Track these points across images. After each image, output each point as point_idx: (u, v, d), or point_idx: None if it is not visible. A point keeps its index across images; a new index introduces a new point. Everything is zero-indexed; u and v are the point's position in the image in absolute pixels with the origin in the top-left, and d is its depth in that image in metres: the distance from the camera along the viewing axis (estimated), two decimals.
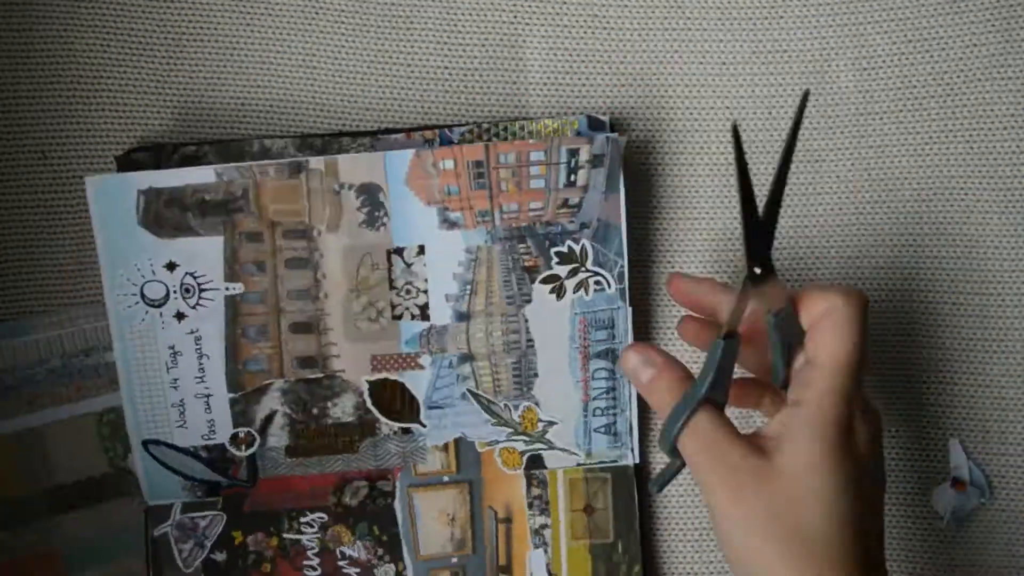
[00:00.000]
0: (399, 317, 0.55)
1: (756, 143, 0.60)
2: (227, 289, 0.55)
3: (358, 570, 0.58)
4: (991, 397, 0.59)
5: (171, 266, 0.55)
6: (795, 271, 0.60)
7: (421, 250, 0.55)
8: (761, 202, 0.44)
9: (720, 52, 0.61)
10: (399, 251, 0.55)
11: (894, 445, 0.59)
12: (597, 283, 0.56)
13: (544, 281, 0.56)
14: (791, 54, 0.61)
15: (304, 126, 0.60)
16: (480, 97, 0.60)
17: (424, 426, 0.57)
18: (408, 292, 0.55)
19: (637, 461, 0.57)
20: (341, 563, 0.58)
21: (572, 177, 0.55)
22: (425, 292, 0.55)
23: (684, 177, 0.60)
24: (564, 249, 0.55)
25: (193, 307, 0.55)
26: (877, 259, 0.60)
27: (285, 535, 0.57)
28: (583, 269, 0.55)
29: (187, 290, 0.55)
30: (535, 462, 0.58)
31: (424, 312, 0.55)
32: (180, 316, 0.55)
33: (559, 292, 0.55)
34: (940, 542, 0.59)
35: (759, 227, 0.44)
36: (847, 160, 0.60)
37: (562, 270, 0.55)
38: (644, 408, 0.58)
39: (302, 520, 0.57)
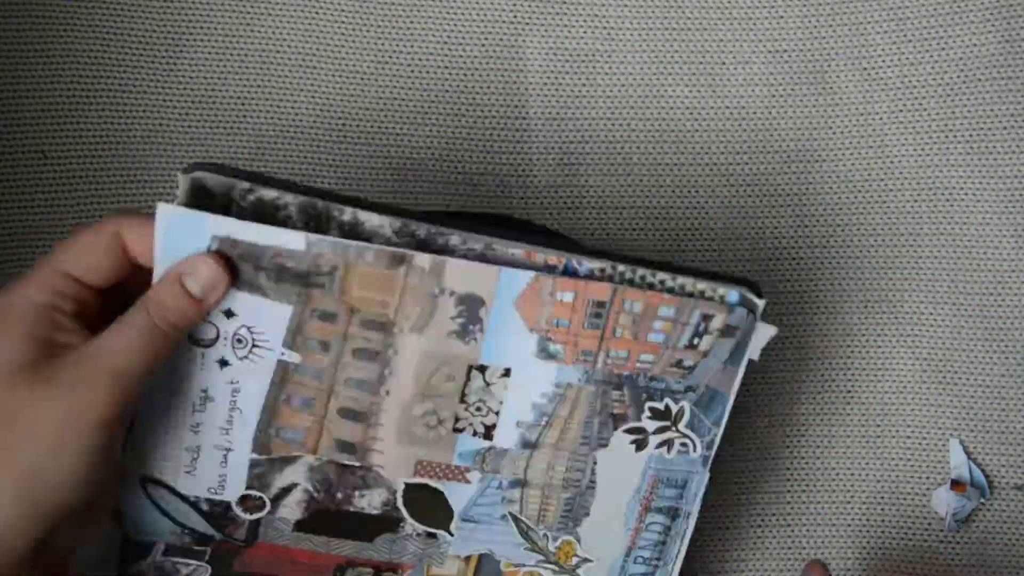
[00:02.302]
0: (460, 430, 0.50)
1: (756, 143, 0.60)
2: (283, 355, 0.49)
3: None
4: (991, 397, 0.59)
5: (229, 313, 0.49)
6: (794, 271, 0.60)
7: (507, 372, 0.50)
8: None
9: (720, 52, 0.61)
10: (482, 368, 0.49)
11: (894, 445, 0.59)
12: (683, 445, 0.51)
13: (628, 432, 0.51)
14: (791, 54, 0.61)
15: (304, 126, 0.60)
16: (480, 97, 0.60)
17: (451, 535, 0.52)
18: (478, 409, 0.50)
19: None
20: None
21: (696, 340, 0.49)
22: (496, 413, 0.50)
23: (684, 177, 0.60)
24: (660, 406, 0.50)
25: (241, 358, 0.49)
26: (877, 259, 0.60)
27: None
28: (673, 429, 0.51)
29: (239, 340, 0.49)
30: None
31: (489, 432, 0.51)
32: (223, 363, 0.49)
33: (640, 444, 0.51)
34: (940, 542, 0.59)
35: None
36: (847, 160, 0.60)
37: (651, 425, 0.50)
38: (687, 561, 0.56)
39: None
